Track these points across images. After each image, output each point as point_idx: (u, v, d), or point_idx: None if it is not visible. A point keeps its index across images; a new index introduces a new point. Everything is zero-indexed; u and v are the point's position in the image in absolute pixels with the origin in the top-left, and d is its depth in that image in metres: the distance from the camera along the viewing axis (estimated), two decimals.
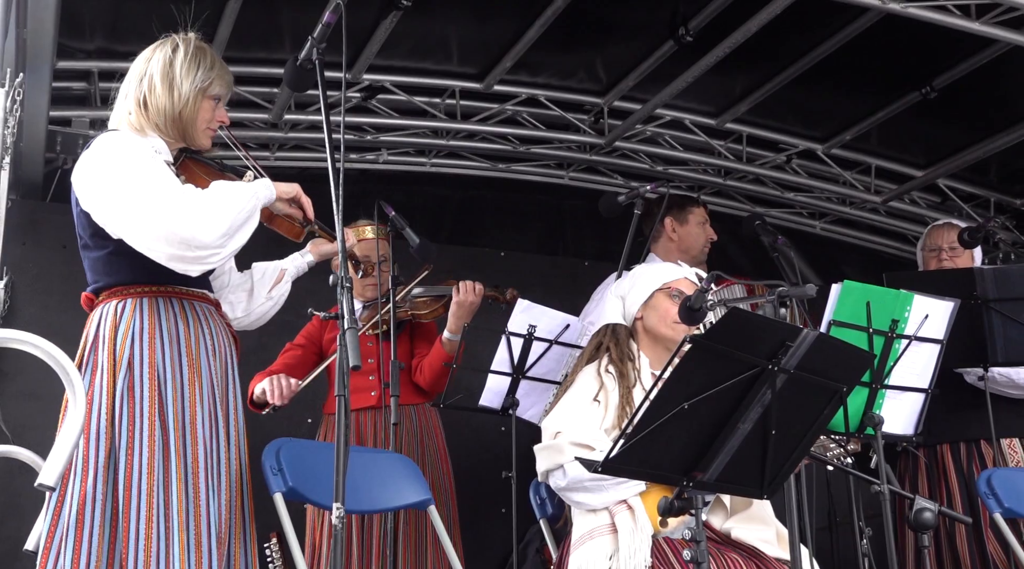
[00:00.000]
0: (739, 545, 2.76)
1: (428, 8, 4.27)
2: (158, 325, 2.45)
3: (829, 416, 2.30)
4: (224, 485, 2.44)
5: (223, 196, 2.42)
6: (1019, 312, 3.42)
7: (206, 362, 2.48)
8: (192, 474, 2.38)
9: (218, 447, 2.45)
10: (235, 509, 2.46)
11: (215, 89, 2.60)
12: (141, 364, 2.41)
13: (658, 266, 3.13)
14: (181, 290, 2.51)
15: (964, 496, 3.64)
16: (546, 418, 2.98)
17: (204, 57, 2.59)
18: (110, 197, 2.40)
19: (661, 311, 3.01)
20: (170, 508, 2.33)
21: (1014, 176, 5.75)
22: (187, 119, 2.56)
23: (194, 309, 2.52)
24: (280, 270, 2.78)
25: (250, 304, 2.75)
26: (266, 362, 4.80)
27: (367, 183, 5.26)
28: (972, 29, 4.11)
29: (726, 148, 5.52)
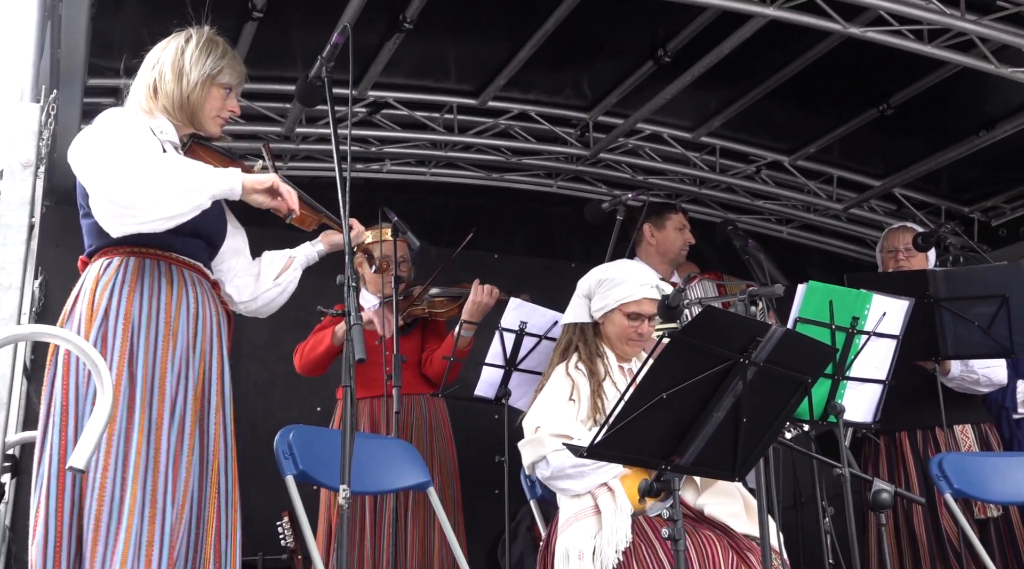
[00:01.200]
0: (712, 522, 2.76)
1: (428, 31, 4.26)
2: (139, 281, 2.33)
3: (795, 405, 2.30)
4: (195, 446, 2.30)
5: (170, 165, 2.30)
6: (967, 310, 3.42)
7: (185, 323, 2.35)
8: (156, 427, 2.25)
9: (184, 408, 2.30)
10: (212, 475, 2.32)
11: (224, 78, 2.51)
12: (117, 315, 2.29)
13: (625, 276, 3.05)
14: (170, 255, 2.39)
15: (921, 479, 3.64)
16: (525, 417, 2.97)
17: (215, 47, 2.51)
18: (84, 160, 2.31)
19: (619, 328, 3.01)
20: (128, 458, 2.21)
21: (963, 186, 5.76)
22: (194, 104, 2.47)
23: (181, 274, 2.40)
24: (288, 257, 2.66)
25: (256, 288, 2.62)
26: (280, 356, 4.81)
27: (372, 191, 5.24)
28: (925, 52, 4.12)
29: (701, 159, 5.51)
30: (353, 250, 2.51)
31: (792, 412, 2.35)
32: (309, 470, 2.62)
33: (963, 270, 3.75)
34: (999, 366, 3.75)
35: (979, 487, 3.15)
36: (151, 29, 4.12)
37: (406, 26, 4.09)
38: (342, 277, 2.31)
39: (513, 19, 4.35)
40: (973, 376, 3.72)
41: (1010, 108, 4.81)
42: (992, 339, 3.40)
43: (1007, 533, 3.66)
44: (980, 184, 5.69)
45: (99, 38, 3.98)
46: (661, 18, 4.33)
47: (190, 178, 2.29)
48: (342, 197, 2.33)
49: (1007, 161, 5.33)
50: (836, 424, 2.88)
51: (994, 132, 4.91)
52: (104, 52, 4.29)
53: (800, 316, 2.90)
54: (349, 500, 2.12)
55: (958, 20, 3.92)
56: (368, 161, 5.29)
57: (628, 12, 4.24)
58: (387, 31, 4.22)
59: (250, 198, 2.39)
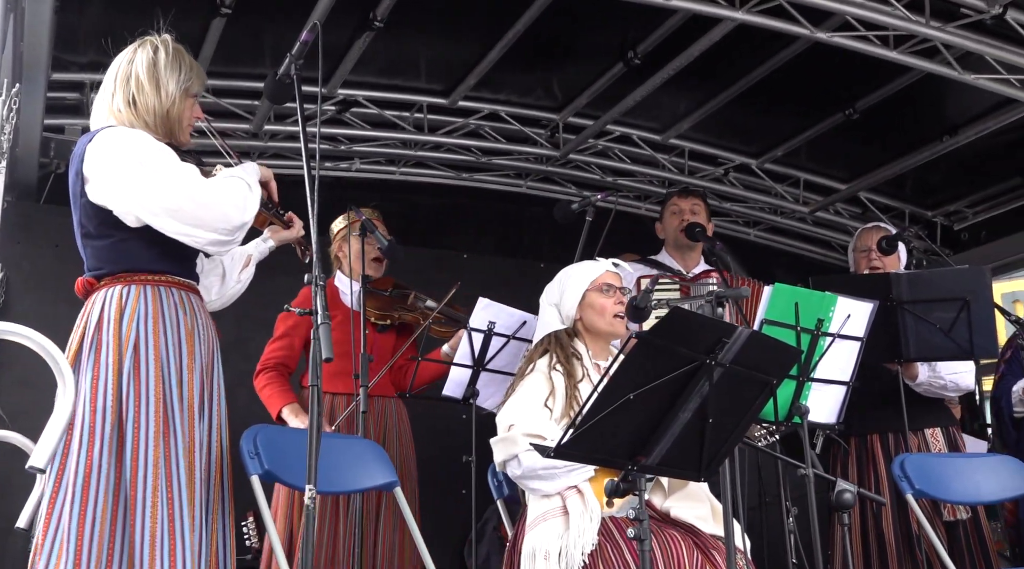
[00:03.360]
0: (678, 522, 2.77)
1: (399, 30, 4.24)
2: (161, 311, 2.40)
3: (760, 406, 2.31)
4: (206, 465, 2.40)
5: (243, 185, 2.44)
6: (929, 312, 3.46)
7: (199, 350, 2.44)
8: (187, 451, 2.34)
9: (203, 430, 2.41)
10: (215, 487, 2.42)
11: (195, 87, 2.54)
12: (147, 346, 2.36)
13: (580, 267, 3.09)
14: (180, 281, 2.47)
15: (890, 481, 3.67)
16: (499, 413, 2.97)
17: (183, 58, 2.53)
18: (139, 188, 2.34)
19: (597, 307, 2.99)
20: (171, 481, 2.29)
21: (927, 190, 5.84)
22: (175, 117, 2.49)
23: (189, 300, 2.48)
24: (247, 255, 2.73)
25: (223, 288, 2.69)
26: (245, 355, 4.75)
27: (341, 190, 5.21)
28: (890, 57, 4.17)
29: (670, 161, 5.54)
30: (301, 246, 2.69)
31: (758, 413, 2.36)
32: (275, 470, 2.59)
33: (925, 273, 3.78)
34: (966, 372, 3.79)
35: (940, 487, 3.18)
36: (116, 24, 4.11)
37: (376, 24, 4.08)
38: (311, 276, 2.30)
39: (484, 19, 4.35)
40: (940, 381, 3.76)
41: (973, 114, 4.88)
42: (953, 341, 3.44)
43: (976, 535, 3.70)
44: (943, 189, 5.77)
45: (63, 32, 3.93)
46: (631, 21, 4.35)
47: (252, 183, 2.46)
48: (311, 195, 2.32)
49: (969, 166, 5.42)
50: (800, 425, 2.90)
51: (957, 138, 4.98)
52: (68, 46, 4.24)
53: (766, 318, 2.92)
54: (315, 500, 2.11)
55: (923, 27, 3.98)
56: (337, 159, 5.27)
57: (598, 14, 4.25)
58: (357, 29, 4.20)
59: None
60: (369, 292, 3.82)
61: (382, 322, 3.80)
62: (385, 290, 3.87)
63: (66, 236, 2.54)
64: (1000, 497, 3.39)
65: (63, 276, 2.56)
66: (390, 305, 3.82)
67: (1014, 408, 3.95)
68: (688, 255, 4.09)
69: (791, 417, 2.94)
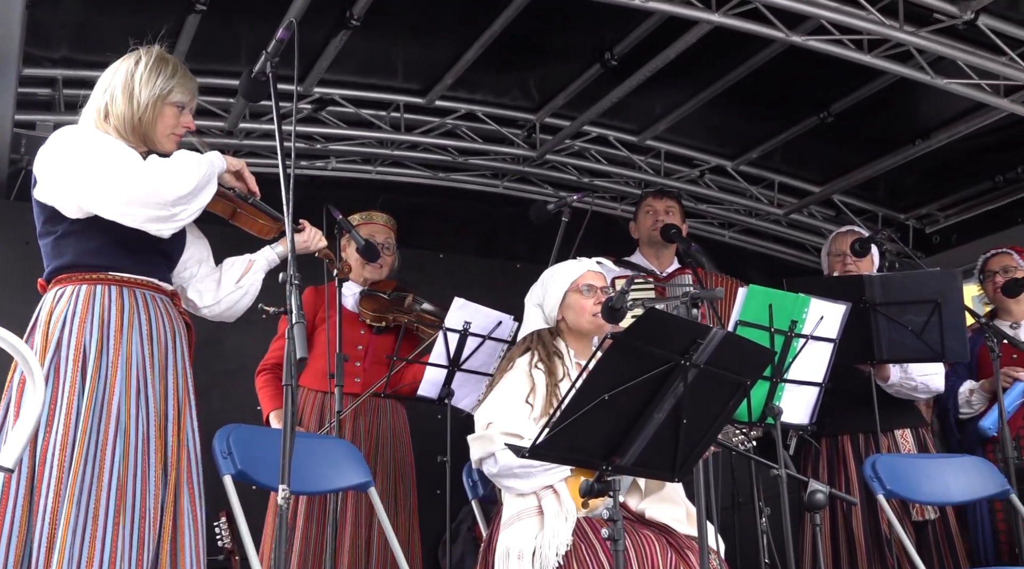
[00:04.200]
0: (652, 523, 2.78)
1: (376, 29, 4.23)
2: (89, 310, 2.38)
3: (734, 407, 2.32)
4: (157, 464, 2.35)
5: (184, 160, 2.40)
6: (902, 315, 3.49)
7: (139, 347, 2.40)
8: (100, 450, 2.29)
9: (146, 428, 2.36)
10: (179, 487, 2.37)
11: (176, 96, 2.53)
12: (68, 346, 2.35)
13: (562, 267, 3.10)
14: (123, 277, 2.44)
15: (861, 482, 3.69)
16: (478, 410, 2.96)
17: (165, 66, 2.53)
18: (76, 173, 2.35)
19: (577, 308, 3.01)
20: (78, 484, 2.25)
21: (899, 194, 5.89)
22: (146, 125, 2.50)
23: (133, 296, 2.44)
24: (248, 261, 2.71)
25: (218, 292, 2.67)
26: (220, 355, 4.75)
27: (316, 189, 5.19)
28: (864, 61, 4.21)
29: (646, 163, 5.56)
30: (314, 254, 2.70)
31: (731, 414, 2.37)
32: (248, 470, 2.58)
33: (898, 276, 3.82)
34: (937, 374, 3.83)
35: (911, 488, 3.22)
36: (91, 20, 4.08)
37: (353, 23, 4.06)
38: (285, 275, 2.29)
39: (461, 19, 4.34)
40: (912, 383, 3.80)
41: (945, 118, 4.93)
42: (924, 343, 3.47)
43: (944, 535, 3.74)
44: (915, 192, 5.83)
45: (36, 28, 3.89)
46: (608, 22, 4.36)
47: (200, 162, 2.42)
48: (286, 194, 2.31)
49: (941, 170, 5.48)
50: (774, 426, 2.92)
51: (929, 141, 5.03)
52: (41, 42, 4.20)
53: (740, 319, 2.93)
54: (288, 500, 2.10)
55: (897, 31, 4.01)
56: (313, 158, 5.25)
57: (575, 15, 4.26)
58: (334, 28, 4.18)
59: (222, 177, 2.51)
60: (368, 294, 3.85)
61: (377, 324, 3.80)
62: (386, 292, 3.88)
63: (36, 233, 2.52)
64: (970, 498, 3.43)
65: (33, 274, 2.54)
66: (387, 307, 3.83)
67: (960, 410, 4.00)
68: (662, 255, 4.11)
69: (764, 418, 2.96)
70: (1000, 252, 4.19)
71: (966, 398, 3.98)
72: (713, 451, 2.95)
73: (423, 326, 3.79)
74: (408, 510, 3.78)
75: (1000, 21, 4.05)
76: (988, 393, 3.94)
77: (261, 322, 3.86)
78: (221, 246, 2.78)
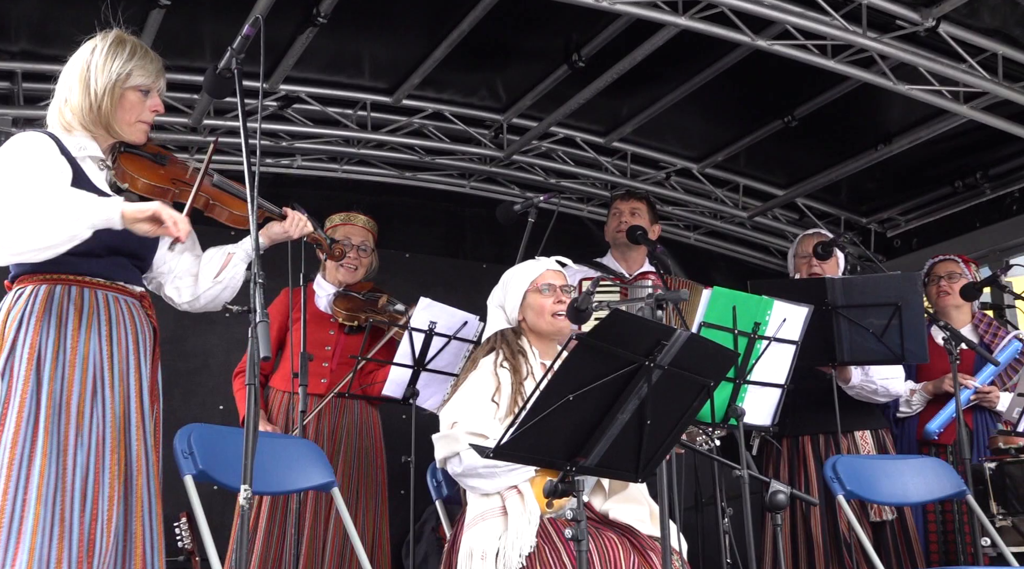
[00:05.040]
0: (616, 524, 2.79)
1: (343, 26, 4.21)
2: (46, 311, 2.33)
3: (698, 408, 2.33)
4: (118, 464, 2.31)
5: (50, 204, 2.26)
6: (863, 317, 3.54)
7: (97, 347, 2.35)
8: (63, 451, 2.25)
9: (102, 429, 2.31)
10: (137, 489, 2.33)
11: (136, 79, 2.43)
12: (23, 346, 2.29)
13: (521, 268, 3.11)
14: (83, 279, 2.38)
15: (821, 482, 3.73)
16: (443, 409, 2.96)
17: (122, 49, 2.43)
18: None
19: (536, 307, 3.01)
20: (30, 482, 2.20)
21: (861, 198, 5.97)
22: (106, 114, 2.41)
23: (95, 297, 2.39)
24: (227, 254, 2.62)
25: (196, 288, 2.60)
26: (182, 353, 4.70)
27: (282, 186, 5.15)
28: (828, 66, 4.26)
29: (612, 164, 5.58)
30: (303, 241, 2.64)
31: (695, 415, 2.39)
32: (209, 470, 2.55)
33: (859, 279, 3.87)
34: (897, 379, 3.88)
35: (870, 489, 3.26)
36: (51, 13, 4.02)
37: (320, 20, 4.04)
38: (248, 273, 2.27)
39: (429, 18, 4.33)
40: (872, 386, 3.84)
41: (906, 124, 5.00)
42: (885, 346, 3.52)
43: (902, 535, 3.79)
44: (877, 196, 5.90)
45: None
46: (576, 24, 4.37)
47: (66, 210, 2.25)
48: (250, 192, 2.29)
49: (903, 175, 5.55)
50: (736, 426, 2.94)
51: (891, 146, 5.10)
52: (1, 35, 4.13)
53: (705, 321, 2.96)
54: (251, 500, 2.08)
55: (860, 37, 4.07)
56: (278, 156, 5.21)
57: (543, 16, 4.26)
58: (300, 25, 4.16)
59: (134, 227, 2.30)
60: (343, 295, 3.84)
61: (350, 323, 3.79)
62: (361, 293, 3.87)
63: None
64: (926, 498, 3.48)
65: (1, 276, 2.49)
66: (360, 307, 3.82)
67: (900, 408, 4.06)
68: (630, 257, 4.13)
69: (728, 419, 2.98)
70: (945, 259, 4.26)
71: (906, 398, 4.04)
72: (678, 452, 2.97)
73: (398, 327, 3.78)
74: (377, 510, 3.76)
75: (960, 29, 4.12)
76: (930, 395, 4.00)
77: (223, 321, 3.85)
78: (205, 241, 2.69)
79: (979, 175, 5.42)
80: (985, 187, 5.44)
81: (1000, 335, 4.10)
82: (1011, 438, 3.58)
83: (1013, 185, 5.34)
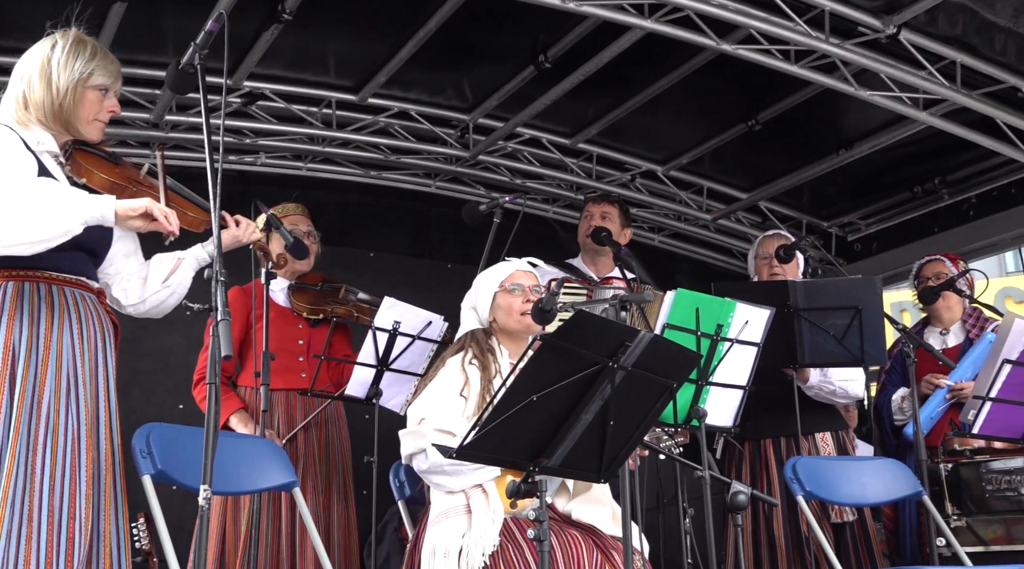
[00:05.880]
0: (579, 524, 2.80)
1: (308, 24, 4.18)
2: (18, 307, 2.31)
3: (660, 409, 2.35)
4: (91, 463, 2.30)
5: (45, 197, 2.24)
6: (823, 320, 3.58)
7: (69, 345, 2.34)
8: (32, 451, 2.23)
9: (76, 429, 2.30)
10: (105, 488, 2.33)
11: (97, 79, 2.45)
12: None
13: (493, 269, 3.12)
14: (52, 275, 2.37)
15: (782, 484, 3.77)
16: (411, 405, 2.95)
17: (83, 49, 2.44)
18: None
19: (506, 307, 3.01)
20: (15, 489, 2.19)
21: (823, 202, 6.03)
22: (67, 111, 2.41)
23: (63, 294, 2.38)
24: (177, 260, 2.62)
25: (144, 291, 2.59)
26: (141, 353, 4.64)
27: (245, 184, 5.10)
28: (792, 71, 4.30)
29: (578, 166, 5.60)
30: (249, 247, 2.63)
31: (657, 416, 2.40)
32: (168, 470, 2.53)
33: (820, 282, 3.92)
34: (856, 381, 3.92)
35: (829, 489, 3.29)
36: (9, 8, 3.95)
37: (285, 17, 4.01)
38: (210, 271, 2.25)
39: (395, 17, 4.31)
40: (830, 387, 3.88)
41: (867, 129, 5.07)
42: (845, 348, 3.56)
43: (862, 536, 3.84)
44: (838, 200, 5.97)
45: None
46: (542, 25, 4.38)
47: (61, 204, 2.25)
48: (213, 189, 2.27)
49: (863, 180, 5.63)
50: (698, 427, 2.96)
51: (852, 151, 5.17)
52: None
53: (668, 322, 2.98)
54: (210, 500, 2.07)
55: (822, 43, 4.11)
56: (242, 153, 5.16)
57: (510, 17, 4.26)
58: (265, 21, 4.12)
59: (127, 224, 2.34)
60: (299, 288, 3.79)
61: (315, 316, 3.76)
62: (315, 285, 3.83)
63: None
64: (885, 499, 3.53)
65: None
66: (322, 299, 3.79)
67: (894, 416, 4.11)
68: (599, 260, 4.15)
69: (690, 420, 3.00)
70: (934, 259, 4.28)
71: (898, 405, 4.09)
72: (641, 454, 2.99)
73: (362, 315, 3.76)
74: (346, 509, 3.73)
75: (921, 36, 4.18)
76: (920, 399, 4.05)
77: (184, 320, 3.78)
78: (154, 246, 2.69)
79: (937, 181, 5.50)
80: (943, 193, 5.53)
81: (985, 332, 4.14)
82: (966, 440, 3.64)
83: (970, 191, 5.43)
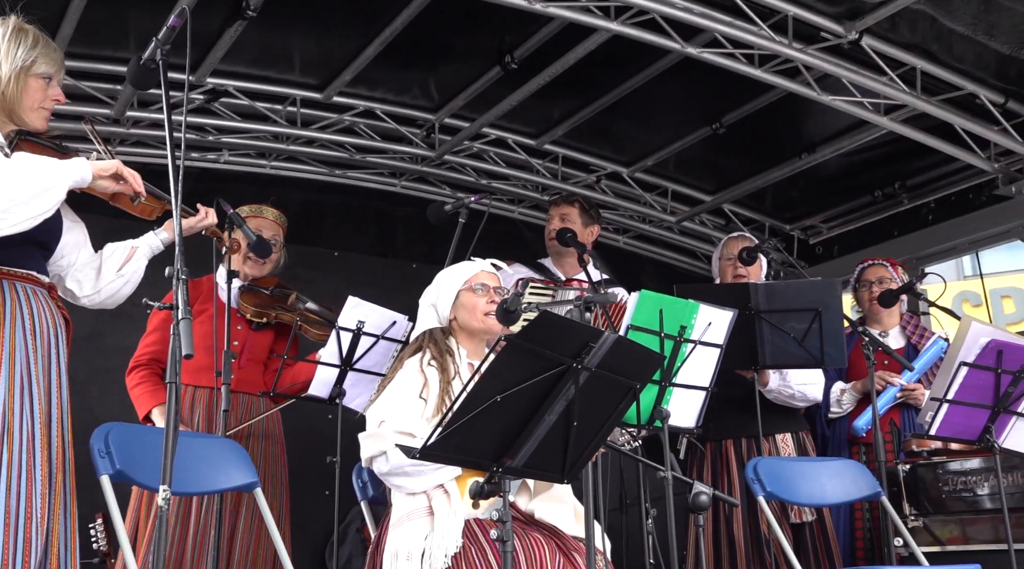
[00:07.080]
0: (541, 524, 2.80)
1: (273, 20, 4.15)
2: None
3: (624, 410, 2.36)
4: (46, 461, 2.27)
5: (22, 167, 2.25)
6: (784, 322, 3.61)
7: (23, 341, 2.31)
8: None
9: (31, 427, 2.27)
10: (56, 486, 2.29)
11: (40, 67, 2.42)
12: None
13: (456, 267, 3.12)
14: (3, 270, 2.34)
15: (743, 485, 3.80)
16: (371, 407, 2.94)
17: (25, 37, 2.41)
18: None
19: (469, 306, 3.01)
20: None
21: (785, 205, 6.10)
22: (11, 99, 2.39)
23: (14, 289, 2.34)
24: (131, 248, 2.61)
25: (98, 282, 2.58)
26: (100, 350, 4.57)
27: (208, 181, 5.05)
28: (756, 75, 4.35)
29: (544, 166, 5.61)
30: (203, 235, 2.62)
31: (621, 416, 2.41)
32: (127, 470, 2.49)
33: (781, 284, 3.95)
34: (815, 384, 3.97)
35: (790, 490, 3.33)
36: None
37: (249, 13, 3.97)
38: (171, 269, 2.22)
39: (362, 15, 4.30)
40: (789, 390, 3.93)
41: (829, 134, 5.14)
42: (805, 350, 3.60)
43: (821, 536, 3.88)
44: (800, 204, 6.04)
45: None
46: (509, 26, 4.38)
47: (45, 174, 2.24)
48: (174, 186, 2.24)
49: (825, 183, 5.69)
50: (661, 428, 2.98)
51: (814, 155, 5.23)
52: None
53: (632, 323, 2.99)
54: (169, 501, 2.04)
55: (786, 47, 4.16)
56: (204, 150, 5.11)
57: (477, 17, 4.26)
58: (229, 17, 4.08)
59: (96, 184, 2.36)
60: (249, 289, 3.74)
61: (258, 319, 3.72)
62: (267, 288, 3.79)
63: None
64: (844, 500, 3.57)
65: None
66: (269, 303, 3.74)
67: (830, 409, 4.17)
68: (565, 261, 4.16)
69: (653, 421, 3.02)
70: (876, 263, 4.38)
71: (836, 398, 4.14)
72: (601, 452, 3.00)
73: (307, 325, 3.72)
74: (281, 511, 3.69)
75: (882, 42, 4.24)
76: (859, 394, 4.11)
77: (143, 317, 3.76)
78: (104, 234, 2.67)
79: (897, 185, 5.59)
80: (903, 197, 5.61)
81: (927, 336, 4.23)
82: (924, 441, 3.70)
83: (929, 196, 5.51)
